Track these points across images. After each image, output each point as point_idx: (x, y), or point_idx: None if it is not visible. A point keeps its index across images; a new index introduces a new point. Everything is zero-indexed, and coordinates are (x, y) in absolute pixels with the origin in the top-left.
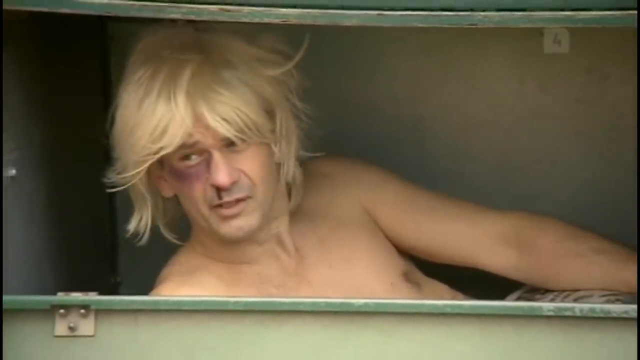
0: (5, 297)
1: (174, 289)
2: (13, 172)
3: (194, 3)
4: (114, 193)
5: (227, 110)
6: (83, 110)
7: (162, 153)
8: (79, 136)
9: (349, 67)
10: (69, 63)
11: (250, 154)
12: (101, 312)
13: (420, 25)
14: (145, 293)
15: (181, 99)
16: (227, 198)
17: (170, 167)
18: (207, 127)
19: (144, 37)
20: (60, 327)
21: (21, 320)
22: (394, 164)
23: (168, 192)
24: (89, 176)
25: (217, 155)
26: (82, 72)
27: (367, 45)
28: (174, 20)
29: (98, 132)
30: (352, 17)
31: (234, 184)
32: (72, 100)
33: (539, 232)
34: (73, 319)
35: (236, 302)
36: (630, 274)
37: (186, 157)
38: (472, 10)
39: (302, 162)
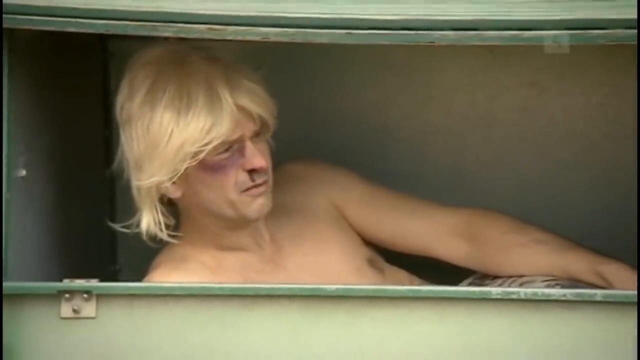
0: (16, 284)
1: (165, 275)
2: (23, 172)
3: (184, 23)
4: (113, 192)
5: (261, 101)
6: (86, 118)
7: (215, 143)
8: (83, 141)
9: (319, 78)
10: (73, 76)
11: (264, 144)
12: (102, 296)
13: (383, 42)
14: (142, 280)
15: (228, 95)
16: (259, 180)
17: (202, 164)
18: (249, 117)
19: (140, 58)
20: (66, 310)
21: (31, 304)
22: (360, 166)
23: (176, 193)
24: (91, 177)
25: (249, 144)
26: (85, 84)
27: (336, 59)
28: (166, 38)
29: (99, 137)
30: (324, 35)
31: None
32: (76, 110)
33: (487, 225)
34: (77, 302)
35: (221, 288)
36: (568, 262)
37: (221, 150)
38: (429, 29)
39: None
